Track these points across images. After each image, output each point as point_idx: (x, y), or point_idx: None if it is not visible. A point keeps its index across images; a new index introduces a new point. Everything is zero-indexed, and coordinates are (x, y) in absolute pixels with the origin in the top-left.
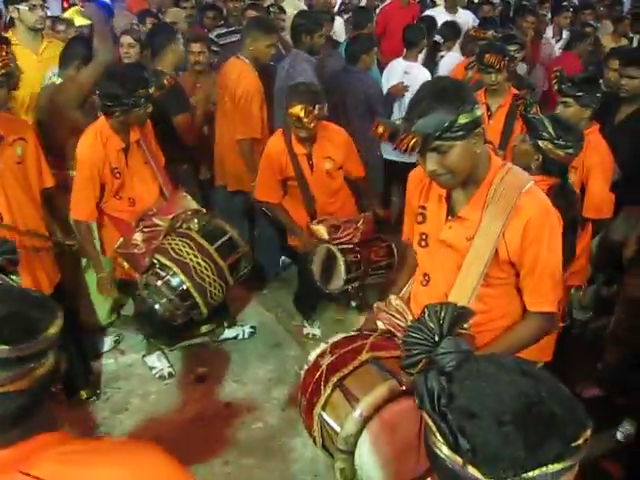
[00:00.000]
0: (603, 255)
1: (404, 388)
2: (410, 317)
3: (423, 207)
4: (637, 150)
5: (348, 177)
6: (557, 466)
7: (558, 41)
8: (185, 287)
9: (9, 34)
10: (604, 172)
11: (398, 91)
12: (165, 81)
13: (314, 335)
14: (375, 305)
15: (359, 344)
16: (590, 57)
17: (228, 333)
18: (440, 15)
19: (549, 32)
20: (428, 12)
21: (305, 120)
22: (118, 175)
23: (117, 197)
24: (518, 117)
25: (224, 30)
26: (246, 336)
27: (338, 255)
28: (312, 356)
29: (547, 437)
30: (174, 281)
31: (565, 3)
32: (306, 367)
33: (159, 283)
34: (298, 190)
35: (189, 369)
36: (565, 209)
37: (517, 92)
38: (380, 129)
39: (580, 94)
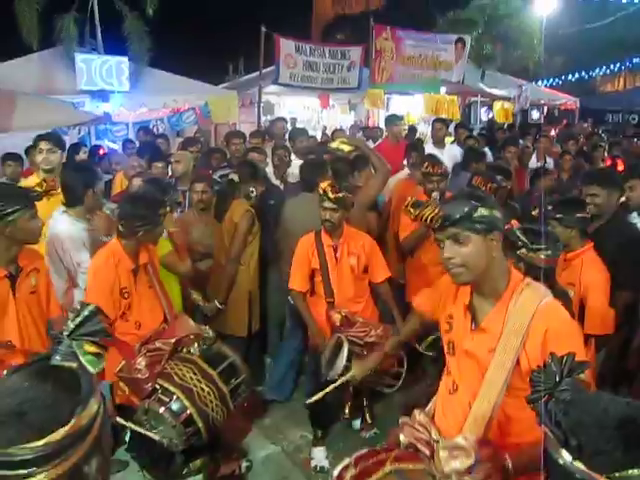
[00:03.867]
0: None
1: None
2: (434, 431)
3: (450, 316)
4: None
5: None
6: None
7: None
8: (188, 412)
9: (34, 177)
10: (602, 289)
11: None
12: None
13: (322, 467)
14: (400, 420)
15: (383, 456)
16: None
17: (224, 469)
18: (429, 150)
19: (534, 159)
20: None
21: (330, 193)
22: (127, 295)
23: (124, 319)
24: None
25: (227, 171)
26: (242, 471)
27: (344, 341)
28: (337, 470)
29: None
30: (177, 407)
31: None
32: None
33: (162, 410)
34: (322, 285)
35: None
36: None
37: None
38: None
39: (559, 216)
